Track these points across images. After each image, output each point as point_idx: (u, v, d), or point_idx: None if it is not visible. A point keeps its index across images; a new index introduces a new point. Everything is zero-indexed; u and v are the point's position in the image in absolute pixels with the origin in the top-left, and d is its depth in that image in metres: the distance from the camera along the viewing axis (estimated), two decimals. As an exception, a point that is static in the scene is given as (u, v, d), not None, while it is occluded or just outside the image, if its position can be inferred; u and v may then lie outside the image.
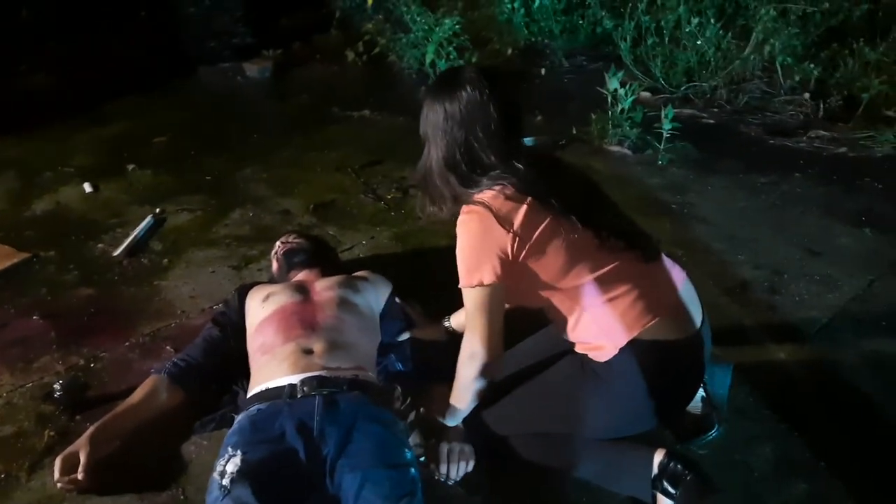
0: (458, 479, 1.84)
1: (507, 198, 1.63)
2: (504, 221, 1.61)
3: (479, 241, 1.64)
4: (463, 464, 1.84)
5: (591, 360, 1.73)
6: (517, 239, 1.61)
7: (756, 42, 4.27)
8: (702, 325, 1.75)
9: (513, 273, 1.64)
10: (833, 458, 1.94)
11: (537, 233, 1.62)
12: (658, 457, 1.75)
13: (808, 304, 2.56)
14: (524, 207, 1.62)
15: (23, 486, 1.87)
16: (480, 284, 1.63)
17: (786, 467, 1.91)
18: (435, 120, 1.69)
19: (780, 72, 4.33)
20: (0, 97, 4.55)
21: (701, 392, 1.92)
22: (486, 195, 1.65)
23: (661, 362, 1.68)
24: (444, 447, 1.84)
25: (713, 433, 1.91)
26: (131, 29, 5.34)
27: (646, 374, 1.67)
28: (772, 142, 3.93)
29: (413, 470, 1.70)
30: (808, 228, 3.06)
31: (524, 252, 1.63)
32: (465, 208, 1.68)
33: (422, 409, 1.94)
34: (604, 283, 1.67)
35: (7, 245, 2.97)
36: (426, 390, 2.02)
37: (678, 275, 1.78)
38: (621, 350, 1.67)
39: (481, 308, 1.66)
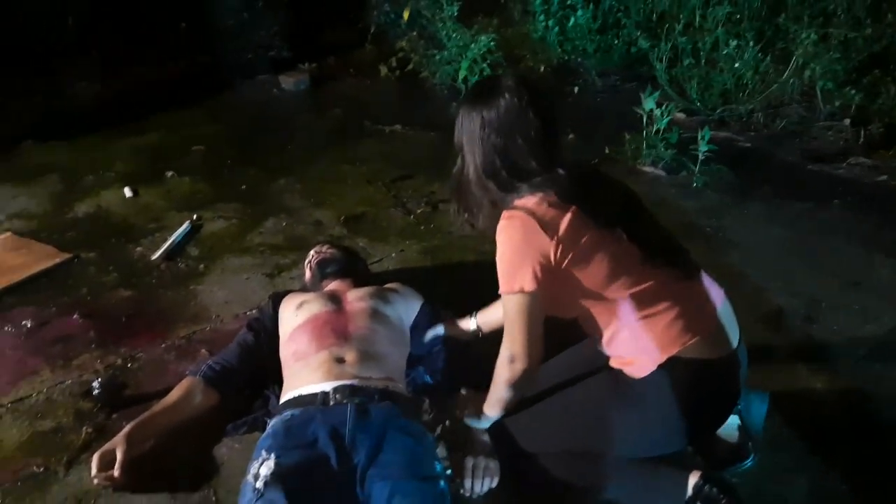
0: (481, 493, 1.83)
1: (551, 205, 1.61)
2: (548, 228, 1.58)
3: (521, 247, 1.61)
4: (487, 479, 1.83)
5: (626, 375, 1.71)
6: (561, 246, 1.58)
7: (796, 66, 4.23)
8: (738, 345, 1.73)
9: (553, 280, 1.62)
10: (868, 492, 1.90)
11: (581, 242, 1.60)
12: (693, 479, 1.73)
13: (846, 335, 2.51)
14: (569, 215, 1.59)
15: (60, 480, 1.90)
16: (521, 291, 1.60)
17: (819, 500, 1.88)
18: (472, 128, 1.67)
19: (819, 97, 4.28)
20: (46, 104, 4.69)
21: (737, 420, 1.89)
22: (529, 201, 1.62)
23: (697, 381, 1.66)
24: (470, 461, 1.84)
25: (748, 463, 1.88)
26: (172, 40, 5.46)
27: (682, 393, 1.65)
28: (810, 168, 3.87)
29: (442, 483, 1.70)
30: (847, 257, 3.00)
31: (567, 260, 1.60)
32: (505, 213, 1.65)
33: (447, 423, 1.95)
34: (644, 299, 1.65)
35: (50, 245, 3.04)
36: (455, 393, 2.02)
37: (717, 293, 1.75)
38: (659, 367, 1.65)
39: (521, 314, 1.62)
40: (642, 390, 1.68)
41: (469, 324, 2.22)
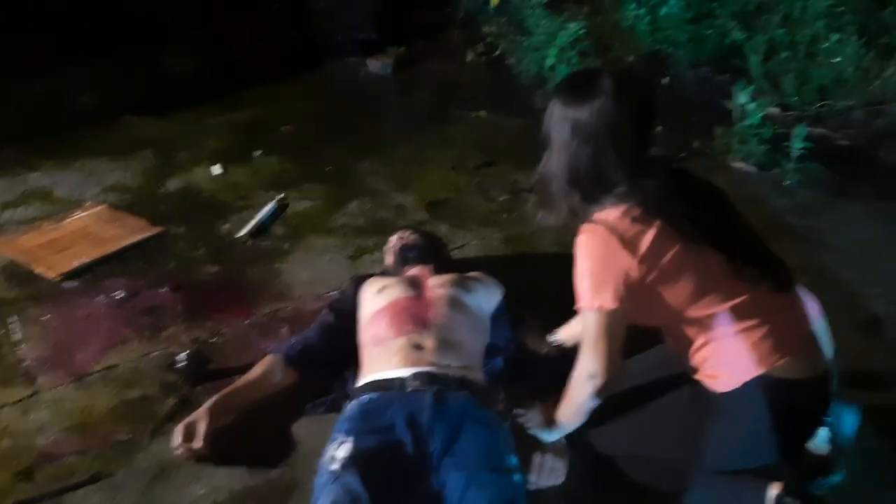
0: (543, 487, 1.82)
1: (634, 220, 1.53)
2: (629, 245, 1.51)
3: (601, 265, 1.54)
4: (551, 479, 1.82)
5: (708, 388, 1.65)
6: (644, 265, 1.52)
7: (901, 62, 4.00)
8: (831, 363, 1.65)
9: (636, 296, 1.55)
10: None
11: (665, 259, 1.53)
12: (774, 490, 1.66)
13: (947, 346, 2.37)
14: (652, 231, 1.52)
15: (145, 448, 1.98)
16: (601, 308, 1.55)
17: (914, 519, 1.79)
18: (561, 126, 1.59)
19: (926, 95, 4.04)
20: (142, 80, 4.85)
21: (827, 432, 1.81)
22: (611, 215, 1.55)
23: (785, 400, 1.58)
24: (538, 457, 1.83)
25: (837, 477, 1.79)
26: (264, 20, 5.57)
27: (766, 411, 1.58)
28: (913, 169, 3.66)
29: (517, 476, 1.69)
30: (951, 265, 2.82)
31: (650, 278, 1.54)
32: (586, 226, 1.58)
33: (515, 412, 1.93)
34: (731, 316, 1.57)
35: (142, 218, 3.15)
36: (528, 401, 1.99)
37: (811, 308, 1.67)
38: (745, 384, 1.58)
39: (602, 332, 1.57)
40: (724, 405, 1.62)
41: (552, 338, 2.20)
